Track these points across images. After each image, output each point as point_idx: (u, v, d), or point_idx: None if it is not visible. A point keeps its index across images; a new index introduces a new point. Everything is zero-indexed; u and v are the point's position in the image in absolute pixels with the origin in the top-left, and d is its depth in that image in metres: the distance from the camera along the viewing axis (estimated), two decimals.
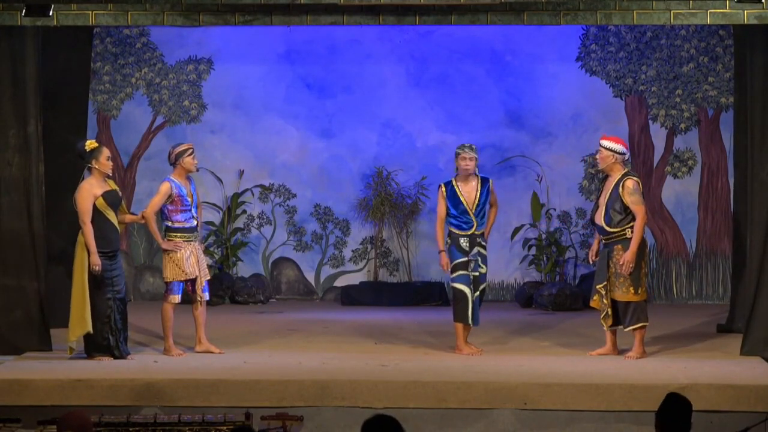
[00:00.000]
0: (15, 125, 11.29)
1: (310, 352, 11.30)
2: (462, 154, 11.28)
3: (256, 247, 15.45)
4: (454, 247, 11.27)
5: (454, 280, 11.29)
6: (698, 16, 10.85)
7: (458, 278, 11.25)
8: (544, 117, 15.26)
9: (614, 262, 10.96)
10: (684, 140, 15.15)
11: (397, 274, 15.45)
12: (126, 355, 10.88)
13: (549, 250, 15.12)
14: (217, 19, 11.07)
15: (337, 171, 15.45)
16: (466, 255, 11.24)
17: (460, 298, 11.22)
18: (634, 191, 10.91)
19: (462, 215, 11.26)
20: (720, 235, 15.06)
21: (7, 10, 10.83)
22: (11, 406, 9.61)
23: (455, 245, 11.26)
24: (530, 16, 10.94)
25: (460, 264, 11.23)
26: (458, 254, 11.25)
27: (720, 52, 15.04)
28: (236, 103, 15.44)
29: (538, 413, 9.74)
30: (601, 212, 11.01)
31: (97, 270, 10.65)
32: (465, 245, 11.23)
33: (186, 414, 8.61)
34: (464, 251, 11.24)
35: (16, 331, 11.26)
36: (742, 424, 8.67)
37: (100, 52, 15.20)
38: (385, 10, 10.97)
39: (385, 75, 15.38)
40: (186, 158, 11.16)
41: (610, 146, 11.04)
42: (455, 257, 11.25)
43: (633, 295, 10.93)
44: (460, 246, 11.24)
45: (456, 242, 11.26)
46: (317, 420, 9.65)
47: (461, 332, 11.28)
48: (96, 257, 10.65)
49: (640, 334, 10.99)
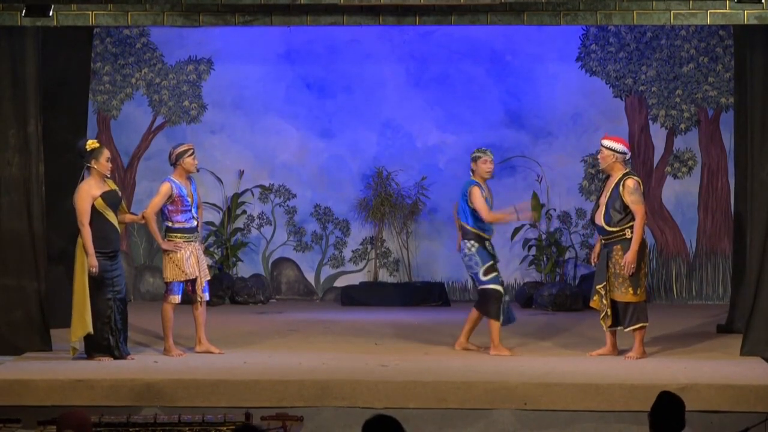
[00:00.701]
0: (15, 125, 11.29)
1: (310, 352, 11.29)
2: (484, 157, 11.32)
3: (256, 248, 15.45)
4: (481, 249, 11.28)
5: (488, 282, 11.25)
6: (698, 17, 10.85)
7: (492, 279, 11.26)
8: (544, 117, 15.26)
9: (613, 263, 10.96)
10: (684, 140, 15.16)
11: (397, 274, 15.44)
12: (126, 355, 10.88)
13: (549, 250, 15.12)
14: (217, 19, 11.07)
15: (337, 171, 15.45)
16: (494, 259, 11.29)
17: (497, 297, 11.22)
18: (634, 191, 10.91)
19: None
20: (720, 235, 15.06)
21: (7, 10, 10.83)
22: (11, 406, 9.61)
23: (482, 247, 11.28)
24: (530, 16, 10.94)
25: (491, 266, 11.26)
26: (488, 257, 11.27)
27: (720, 52, 15.04)
28: (236, 103, 15.44)
29: (538, 413, 9.74)
30: (601, 212, 11.01)
31: (94, 272, 10.65)
32: (490, 247, 11.30)
33: (186, 414, 8.60)
34: (492, 254, 11.29)
35: (16, 331, 11.27)
36: (742, 424, 8.67)
37: (100, 52, 15.20)
38: (385, 10, 10.97)
39: (385, 75, 15.38)
40: (186, 159, 11.16)
41: (612, 146, 11.04)
42: (485, 260, 11.26)
43: (632, 295, 10.93)
44: (487, 249, 11.29)
45: (482, 244, 11.28)
46: (317, 420, 9.65)
47: (498, 332, 11.26)
48: (93, 259, 10.64)
49: (640, 334, 10.99)
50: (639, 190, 10.95)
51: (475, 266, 11.27)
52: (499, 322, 11.24)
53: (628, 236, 10.89)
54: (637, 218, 10.88)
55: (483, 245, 11.30)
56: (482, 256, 11.27)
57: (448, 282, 15.32)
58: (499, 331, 11.27)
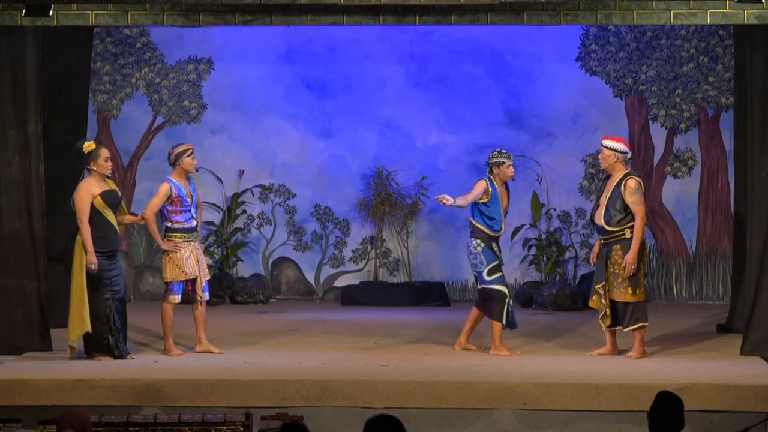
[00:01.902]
0: (15, 125, 11.28)
1: (310, 352, 11.29)
2: (508, 162, 11.29)
3: (256, 247, 15.46)
4: (487, 249, 11.26)
5: (491, 282, 11.22)
6: (698, 16, 10.84)
7: (496, 280, 11.24)
8: (544, 117, 15.26)
9: (613, 262, 10.96)
10: (684, 140, 15.16)
11: (397, 274, 15.45)
12: (126, 354, 10.88)
13: (549, 250, 15.12)
14: (217, 19, 11.07)
15: (337, 171, 15.45)
16: (498, 259, 11.28)
17: (499, 297, 11.20)
18: (635, 191, 10.91)
19: (497, 216, 11.27)
20: (720, 235, 15.06)
21: (7, 10, 10.82)
22: (11, 406, 9.60)
23: (488, 247, 11.26)
24: (530, 16, 10.94)
25: (496, 266, 11.25)
26: (493, 257, 11.26)
27: (720, 52, 15.04)
28: (236, 103, 15.44)
29: (538, 413, 9.73)
30: (601, 211, 11.00)
31: (93, 269, 10.64)
32: (496, 248, 11.29)
33: (186, 414, 8.61)
34: (497, 254, 11.29)
35: (16, 331, 11.26)
36: (742, 424, 8.67)
37: (100, 52, 15.20)
38: (385, 10, 10.97)
39: (385, 75, 15.38)
40: (186, 159, 11.16)
41: (612, 145, 11.04)
42: (490, 260, 11.24)
43: (631, 295, 10.92)
44: (492, 248, 11.28)
45: (488, 244, 11.27)
46: (317, 420, 9.65)
47: (499, 332, 11.24)
48: (92, 256, 10.63)
49: (640, 334, 10.99)
50: (640, 191, 10.95)
51: (479, 265, 11.26)
52: (502, 323, 11.23)
53: (628, 236, 10.89)
54: (637, 219, 10.87)
55: (489, 245, 11.28)
56: (487, 256, 11.25)
57: (448, 282, 15.32)
58: (501, 331, 11.25)
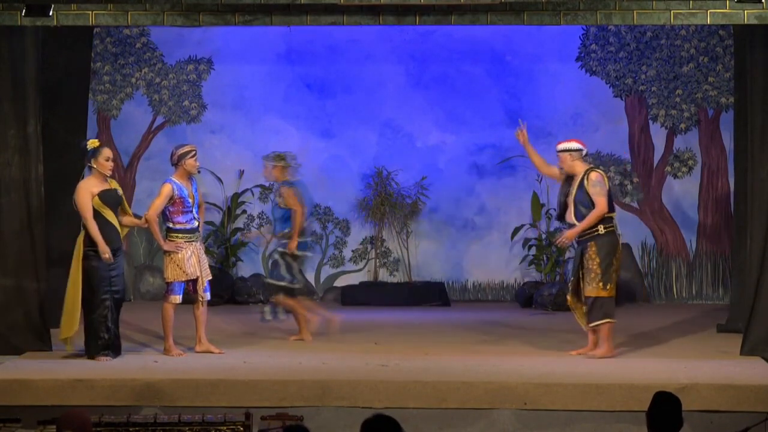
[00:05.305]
0: (15, 125, 11.29)
1: (310, 352, 11.29)
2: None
3: (256, 247, 15.45)
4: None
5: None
6: (698, 16, 10.85)
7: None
8: (544, 117, 15.25)
9: (587, 258, 10.98)
10: (684, 140, 15.15)
11: (397, 274, 15.44)
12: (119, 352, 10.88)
13: (549, 250, 15.11)
14: (217, 19, 11.07)
15: (337, 171, 15.44)
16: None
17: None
18: (596, 182, 10.95)
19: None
20: (720, 235, 15.05)
21: (7, 10, 10.83)
22: (11, 406, 9.62)
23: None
24: (530, 16, 10.94)
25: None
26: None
27: (720, 52, 15.04)
28: (236, 103, 15.43)
29: (538, 413, 9.74)
30: (571, 210, 11.05)
31: (107, 258, 10.64)
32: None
33: (186, 414, 8.61)
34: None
35: (16, 331, 11.26)
36: (742, 424, 8.68)
37: (100, 52, 15.20)
38: (385, 10, 10.97)
39: (385, 75, 15.37)
40: (188, 160, 11.16)
41: (565, 147, 11.18)
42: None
43: (602, 290, 10.93)
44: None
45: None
46: (317, 420, 9.65)
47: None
48: (104, 245, 10.63)
49: (607, 330, 10.97)
50: (602, 183, 10.97)
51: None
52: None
53: (602, 232, 10.91)
54: (596, 209, 10.88)
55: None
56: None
57: (448, 282, 15.32)
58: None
